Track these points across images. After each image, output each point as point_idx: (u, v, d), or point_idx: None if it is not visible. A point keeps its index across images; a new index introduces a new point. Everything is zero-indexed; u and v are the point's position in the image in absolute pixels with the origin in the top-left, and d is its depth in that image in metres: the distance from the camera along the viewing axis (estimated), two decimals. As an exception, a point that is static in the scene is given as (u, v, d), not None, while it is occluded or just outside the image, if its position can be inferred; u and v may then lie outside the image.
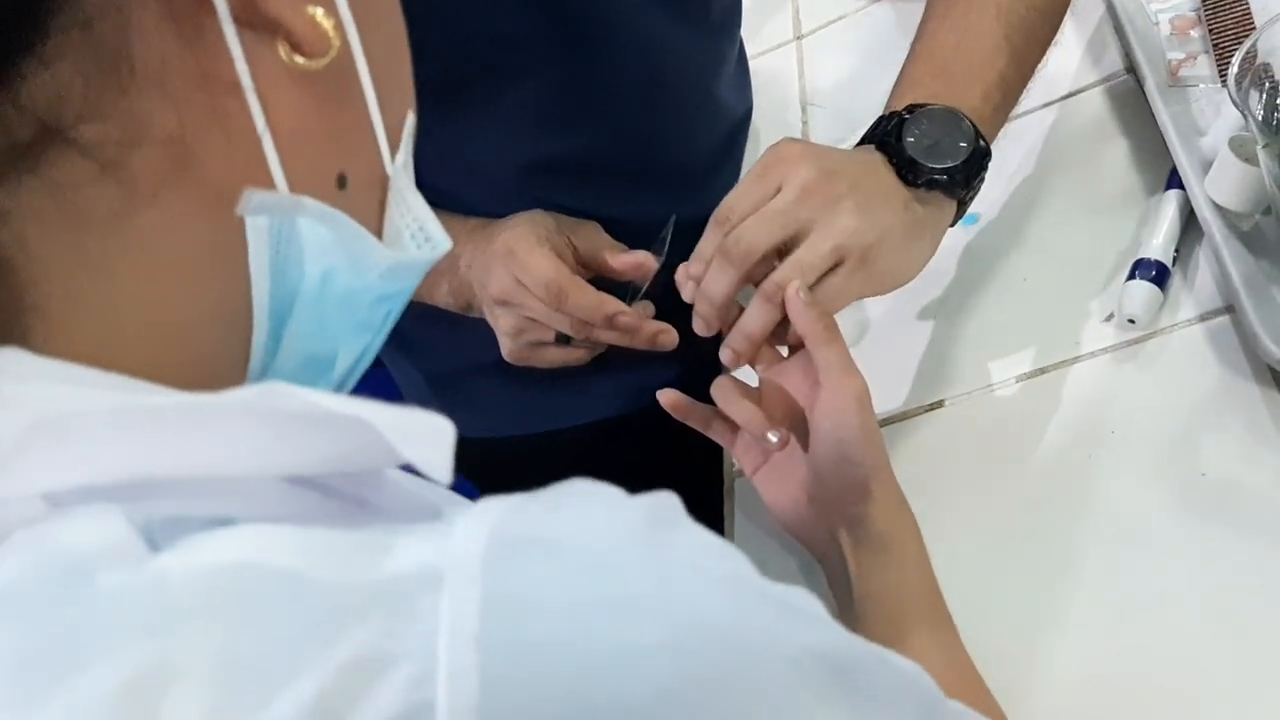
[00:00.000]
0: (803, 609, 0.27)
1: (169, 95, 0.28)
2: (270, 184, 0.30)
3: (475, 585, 0.22)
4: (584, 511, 0.25)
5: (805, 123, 0.98)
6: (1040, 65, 0.72)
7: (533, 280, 0.70)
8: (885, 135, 0.64)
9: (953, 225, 0.66)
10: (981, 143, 0.64)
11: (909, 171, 0.63)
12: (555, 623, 0.23)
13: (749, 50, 0.95)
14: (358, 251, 0.33)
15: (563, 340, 0.75)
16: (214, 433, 0.26)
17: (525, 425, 0.91)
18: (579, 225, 0.76)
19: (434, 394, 0.92)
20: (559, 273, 0.70)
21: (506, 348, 0.76)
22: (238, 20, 0.28)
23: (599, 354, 0.78)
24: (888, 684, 0.28)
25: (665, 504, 0.26)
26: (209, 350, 0.31)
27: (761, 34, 1.10)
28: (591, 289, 0.71)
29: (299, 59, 0.30)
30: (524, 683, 0.22)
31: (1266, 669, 0.51)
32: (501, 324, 0.74)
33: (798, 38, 1.08)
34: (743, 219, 0.62)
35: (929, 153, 0.63)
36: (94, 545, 0.24)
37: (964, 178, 0.63)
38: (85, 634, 0.23)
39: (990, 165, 0.65)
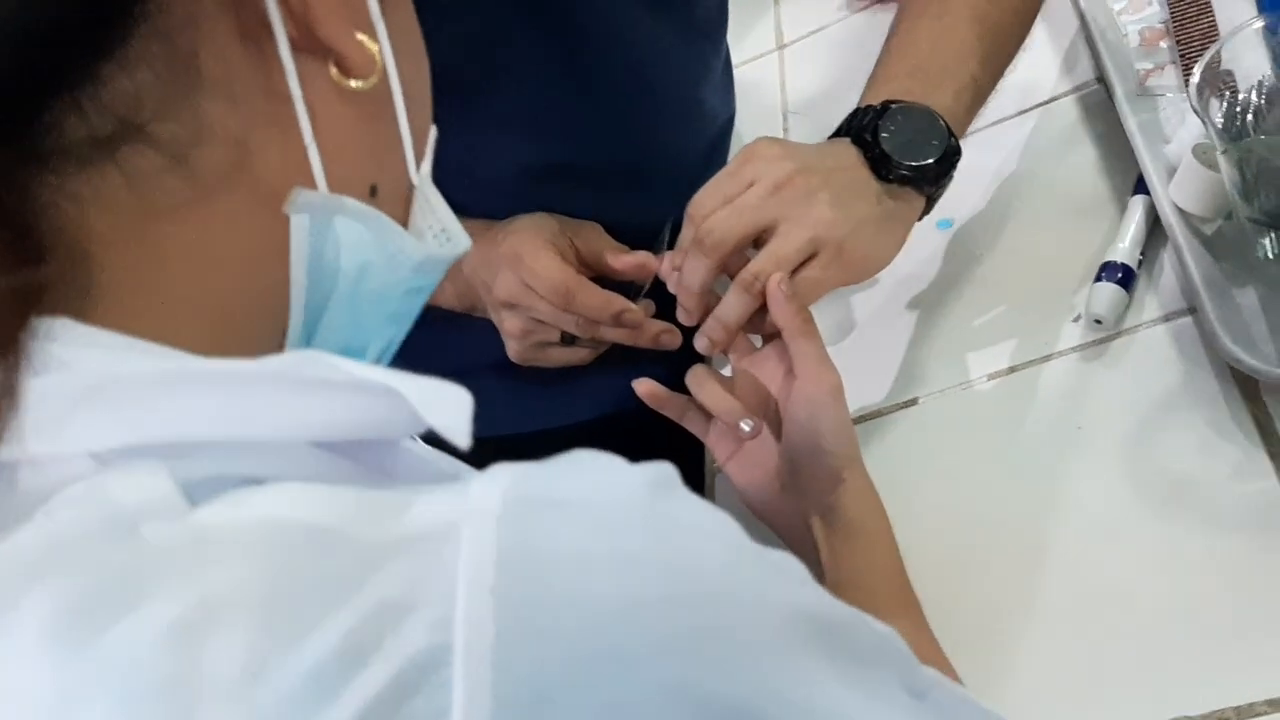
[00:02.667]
0: (791, 571, 0.29)
1: (233, 103, 0.31)
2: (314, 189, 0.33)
3: (491, 540, 0.24)
4: (590, 475, 0.27)
5: (786, 131, 1.00)
6: (1009, 68, 0.74)
7: (540, 283, 0.71)
8: (860, 129, 0.65)
9: (920, 220, 0.68)
10: (953, 141, 0.65)
11: (883, 167, 0.64)
12: (564, 575, 0.24)
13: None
14: (392, 247, 0.36)
15: (567, 340, 0.76)
16: (249, 397, 0.28)
17: (516, 424, 0.91)
18: (581, 226, 0.77)
19: None
20: (566, 274, 0.71)
21: (513, 349, 0.77)
22: (295, 43, 0.31)
23: (599, 354, 0.79)
24: (871, 645, 0.30)
25: (664, 472, 0.28)
26: (247, 337, 0.34)
27: (744, 44, 1.12)
28: (598, 288, 0.72)
29: (350, 81, 0.33)
30: (535, 630, 0.24)
31: (1226, 654, 0.53)
32: (508, 326, 0.75)
33: (780, 47, 1.10)
34: (710, 213, 0.63)
35: (903, 149, 0.64)
36: (139, 499, 0.26)
37: (935, 175, 0.65)
38: (133, 578, 0.24)
39: (966, 171, 0.67)
